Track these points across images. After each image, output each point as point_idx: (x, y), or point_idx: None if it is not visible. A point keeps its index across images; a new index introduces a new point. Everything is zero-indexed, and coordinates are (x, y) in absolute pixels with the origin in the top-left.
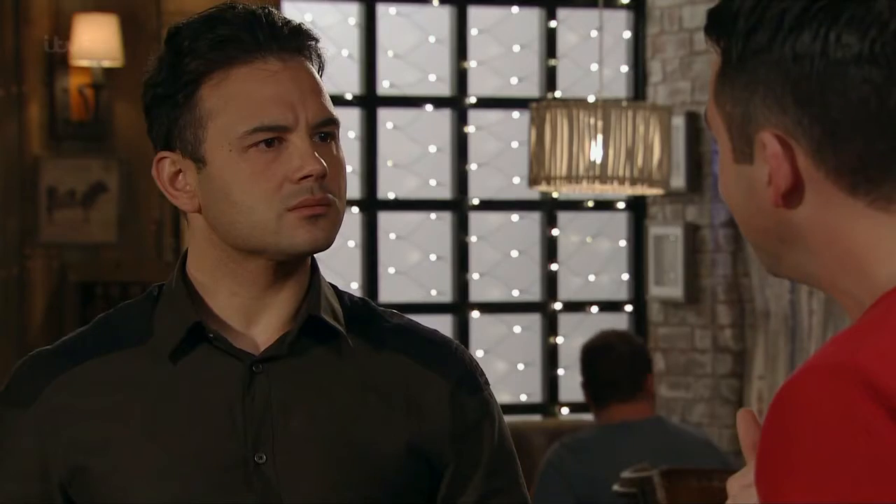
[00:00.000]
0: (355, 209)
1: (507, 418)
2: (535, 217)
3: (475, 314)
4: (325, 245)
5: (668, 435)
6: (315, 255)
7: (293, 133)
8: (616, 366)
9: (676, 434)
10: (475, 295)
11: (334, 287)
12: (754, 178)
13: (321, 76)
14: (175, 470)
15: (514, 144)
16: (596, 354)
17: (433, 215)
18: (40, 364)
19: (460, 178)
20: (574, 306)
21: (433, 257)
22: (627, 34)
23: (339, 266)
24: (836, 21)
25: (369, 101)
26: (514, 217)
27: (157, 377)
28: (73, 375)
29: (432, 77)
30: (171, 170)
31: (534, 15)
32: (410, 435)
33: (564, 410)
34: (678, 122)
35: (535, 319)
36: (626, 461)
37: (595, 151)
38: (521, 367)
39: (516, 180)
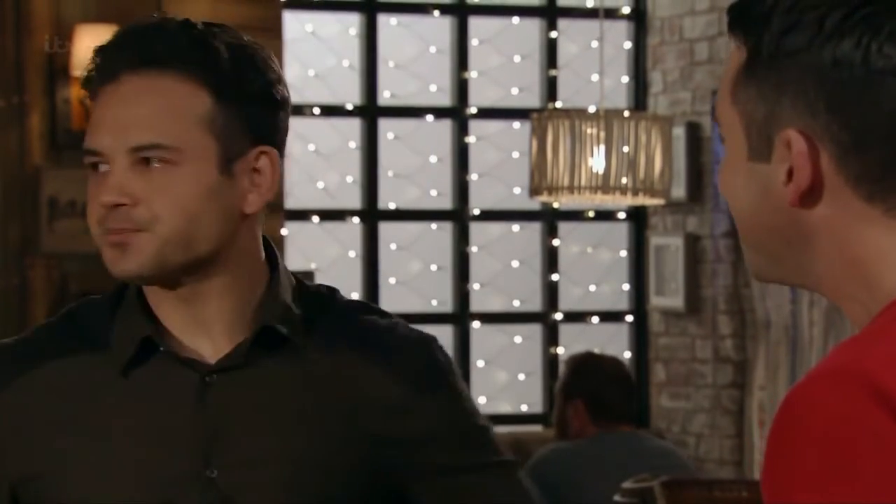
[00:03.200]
0: (356, 219)
1: (508, 428)
2: (535, 227)
3: (476, 324)
4: (139, 273)
5: (644, 442)
6: (281, 256)
7: (113, 158)
8: (629, 395)
9: (650, 443)
10: (476, 305)
11: (298, 280)
12: (770, 177)
13: (228, 86)
14: (128, 484)
15: (515, 154)
16: (612, 380)
17: (434, 225)
18: (3, 359)
19: (461, 189)
20: (575, 316)
21: (434, 267)
22: (628, 44)
23: (340, 276)
24: (879, 32)
25: (370, 112)
26: (515, 227)
27: (113, 388)
28: (32, 378)
29: (433, 87)
30: None
31: (534, 25)
32: (363, 447)
33: None
34: (679, 132)
35: (535, 330)
36: (612, 466)
37: (596, 162)
38: (521, 377)
39: (517, 190)
